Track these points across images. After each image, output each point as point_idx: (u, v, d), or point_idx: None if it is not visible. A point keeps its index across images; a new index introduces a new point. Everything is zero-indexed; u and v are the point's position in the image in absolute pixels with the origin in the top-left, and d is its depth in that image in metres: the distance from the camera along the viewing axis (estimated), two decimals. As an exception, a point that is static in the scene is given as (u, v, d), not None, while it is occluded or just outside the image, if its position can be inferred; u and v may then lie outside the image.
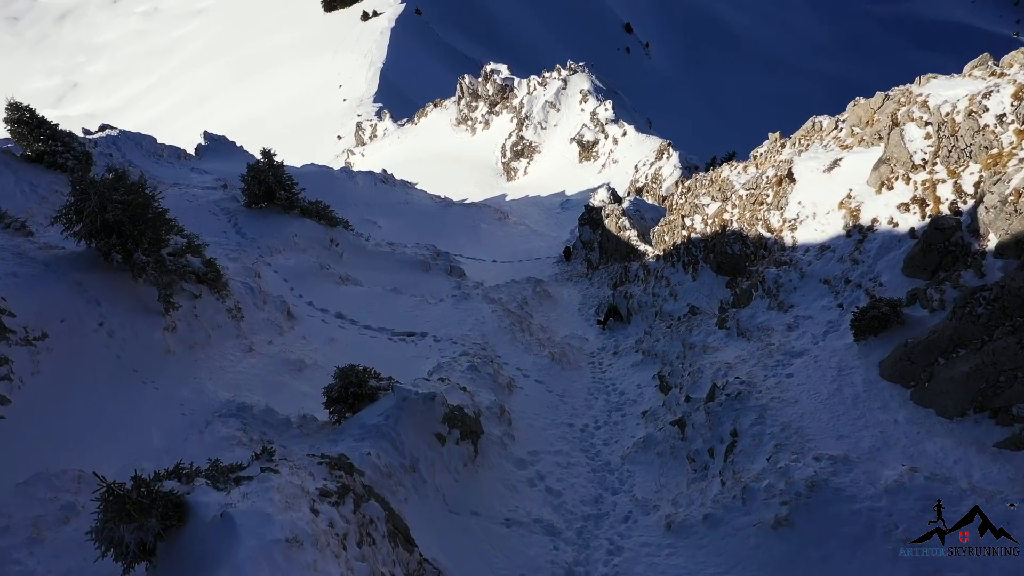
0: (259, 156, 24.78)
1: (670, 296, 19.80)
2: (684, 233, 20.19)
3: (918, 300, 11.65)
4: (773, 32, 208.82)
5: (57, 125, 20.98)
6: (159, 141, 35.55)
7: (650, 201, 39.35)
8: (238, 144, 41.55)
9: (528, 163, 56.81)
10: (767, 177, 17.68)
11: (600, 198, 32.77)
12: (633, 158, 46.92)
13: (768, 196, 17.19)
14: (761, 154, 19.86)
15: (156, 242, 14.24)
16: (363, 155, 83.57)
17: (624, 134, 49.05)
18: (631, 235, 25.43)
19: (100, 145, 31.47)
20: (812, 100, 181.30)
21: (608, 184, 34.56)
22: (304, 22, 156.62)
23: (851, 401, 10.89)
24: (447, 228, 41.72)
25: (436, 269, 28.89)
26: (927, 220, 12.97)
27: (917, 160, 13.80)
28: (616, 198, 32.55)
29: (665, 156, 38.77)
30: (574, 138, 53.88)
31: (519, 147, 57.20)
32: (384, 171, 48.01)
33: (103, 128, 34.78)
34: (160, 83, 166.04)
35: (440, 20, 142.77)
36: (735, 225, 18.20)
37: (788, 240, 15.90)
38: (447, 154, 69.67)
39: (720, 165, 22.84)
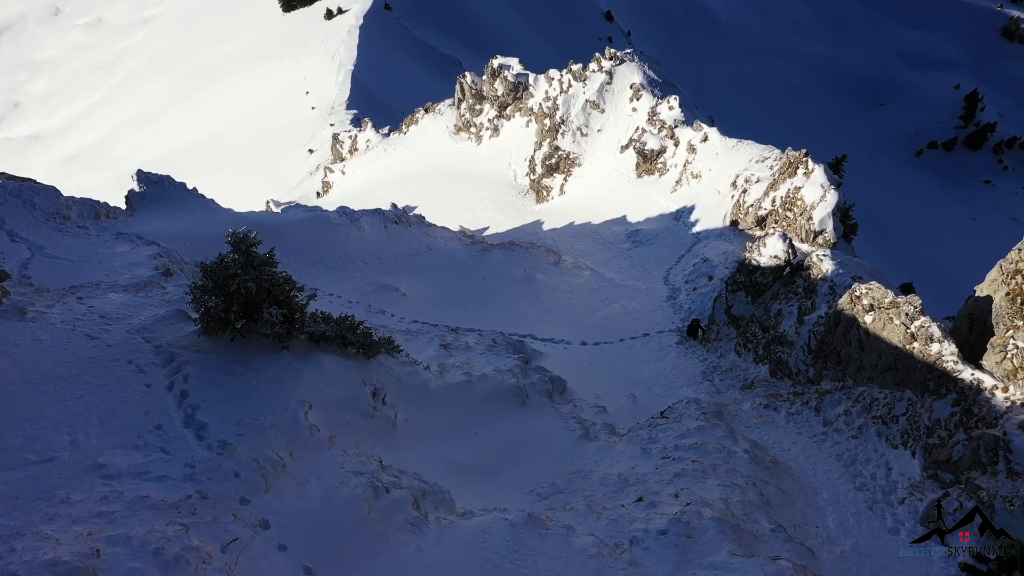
0: (228, 244, 12.72)
1: None
2: None
3: None
4: (754, 14, 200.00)
5: None
6: (65, 193, 23.12)
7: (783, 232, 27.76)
8: (189, 186, 29.05)
9: (565, 179, 44.88)
10: None
11: (772, 251, 21.18)
12: (722, 171, 35.28)
13: None
14: None
15: None
16: (343, 172, 71.36)
17: (705, 139, 37.29)
18: (943, 352, 13.79)
19: (-41, 210, 19.08)
20: (796, 83, 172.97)
21: (781, 232, 22.87)
22: (261, 25, 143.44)
23: None
24: (492, 285, 29.90)
25: (535, 398, 17.29)
26: None
27: None
28: (792, 249, 21.04)
29: (801, 171, 27.23)
30: (627, 145, 42.06)
31: (553, 159, 45.16)
32: (395, 206, 35.97)
33: (-27, 177, 22.30)
34: (106, 99, 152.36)
35: (411, 15, 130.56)
36: None
37: None
38: (449, 169, 57.69)
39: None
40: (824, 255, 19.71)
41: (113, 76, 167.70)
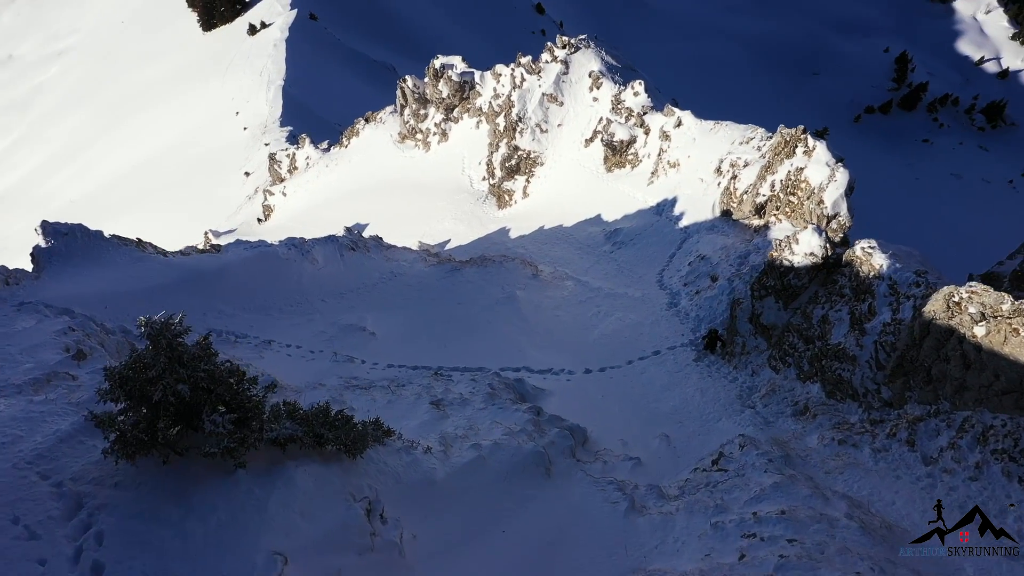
0: (143, 336, 9.12)
1: None
2: None
3: None
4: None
5: None
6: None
7: (786, 223, 25.08)
8: (119, 224, 25.01)
9: (528, 181, 41.64)
10: None
11: (807, 248, 18.25)
12: (703, 157, 32.45)
13: None
14: None
15: None
16: (284, 193, 67.18)
17: (678, 124, 34.39)
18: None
19: None
20: (731, 60, 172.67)
21: (815, 226, 19.94)
22: (181, 46, 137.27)
23: None
24: (470, 310, 26.59)
25: (559, 461, 14.15)
26: None
27: None
28: (829, 240, 18.24)
29: (800, 150, 24.48)
30: (592, 138, 39.02)
31: (513, 161, 41.88)
32: (349, 230, 32.25)
33: None
34: (24, 139, 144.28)
35: (339, 24, 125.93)
36: None
37: None
38: (398, 180, 54.08)
39: None
40: (871, 247, 16.88)
41: (29, 114, 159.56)
